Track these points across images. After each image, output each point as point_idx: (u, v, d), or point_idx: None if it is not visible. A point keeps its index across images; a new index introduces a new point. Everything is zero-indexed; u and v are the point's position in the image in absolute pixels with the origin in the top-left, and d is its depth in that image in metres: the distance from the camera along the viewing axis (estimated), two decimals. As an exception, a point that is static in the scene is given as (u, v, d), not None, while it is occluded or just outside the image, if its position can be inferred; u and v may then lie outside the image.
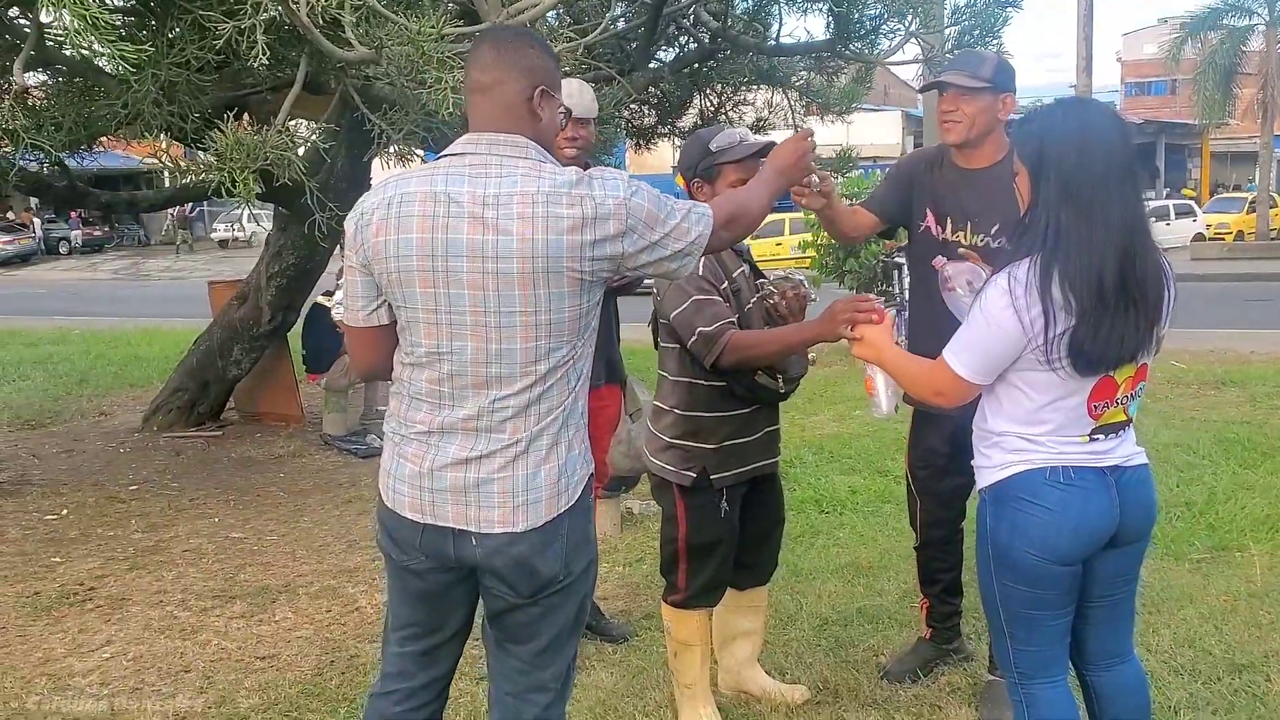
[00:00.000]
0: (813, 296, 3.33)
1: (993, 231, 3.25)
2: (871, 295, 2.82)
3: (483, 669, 3.33)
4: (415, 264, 2.09)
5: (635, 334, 4.69)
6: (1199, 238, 29.46)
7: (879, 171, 21.11)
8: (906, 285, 8.58)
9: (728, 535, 3.28)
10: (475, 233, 2.05)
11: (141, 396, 9.80)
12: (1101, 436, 2.40)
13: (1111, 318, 2.26)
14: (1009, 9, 6.10)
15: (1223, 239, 29.79)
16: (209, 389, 8.55)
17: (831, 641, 4.04)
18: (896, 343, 2.66)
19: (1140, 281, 2.28)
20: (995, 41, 6.15)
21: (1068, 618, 2.49)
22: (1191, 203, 33.33)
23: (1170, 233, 28.60)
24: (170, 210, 41.99)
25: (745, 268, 3.28)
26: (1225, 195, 37.09)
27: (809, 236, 13.39)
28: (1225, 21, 28.30)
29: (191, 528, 5.88)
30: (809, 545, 5.16)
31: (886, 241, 14.58)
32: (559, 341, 2.13)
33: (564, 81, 3.86)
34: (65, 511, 6.26)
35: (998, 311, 2.29)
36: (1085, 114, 2.36)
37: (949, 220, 3.37)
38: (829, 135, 11.25)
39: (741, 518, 3.34)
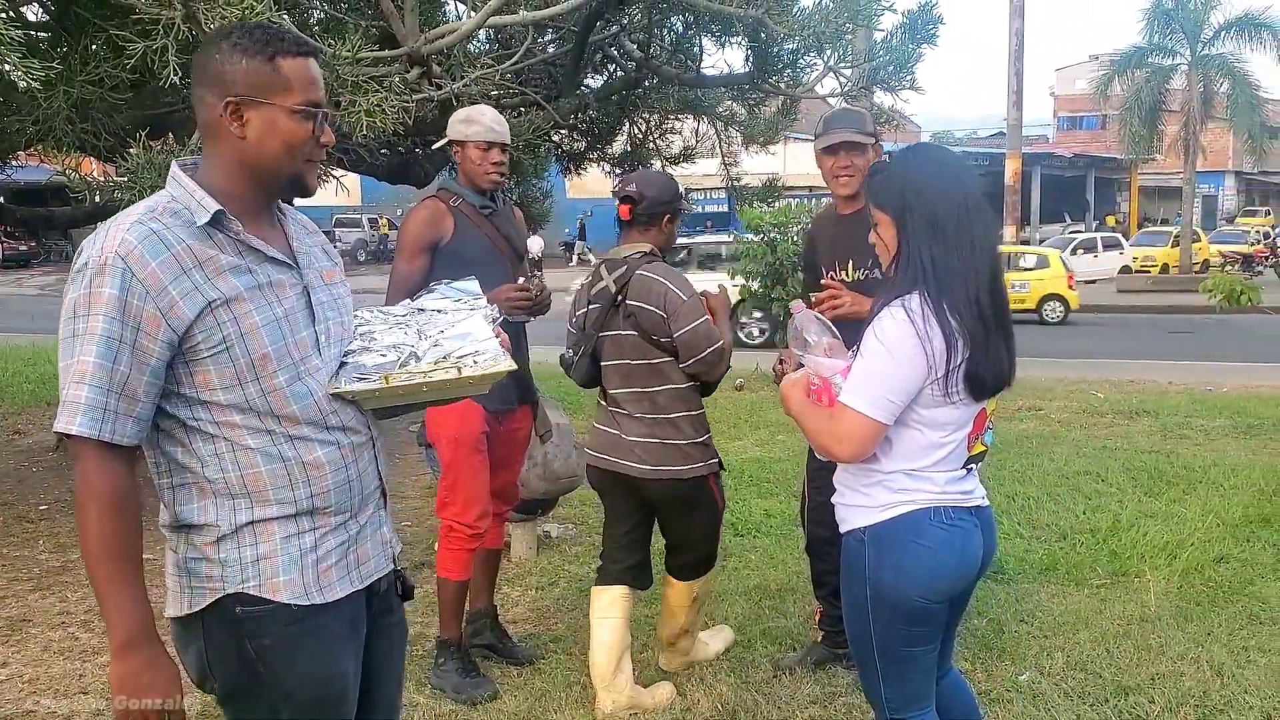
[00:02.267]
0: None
1: (868, 265, 3.71)
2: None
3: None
4: None
5: (547, 355, 4.73)
6: (1125, 270, 30.18)
7: (817, 201, 21.40)
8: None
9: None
10: None
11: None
12: (972, 467, 2.49)
13: (993, 340, 2.35)
14: (924, 45, 6.26)
15: (1148, 272, 30.53)
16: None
17: (734, 662, 4.10)
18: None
19: (1004, 305, 2.39)
20: (909, 77, 6.31)
21: (937, 650, 2.56)
22: (1119, 236, 34.13)
23: (1097, 265, 29.28)
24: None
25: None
26: (1151, 229, 38.05)
27: (741, 267, 13.56)
28: (1150, 60, 29.10)
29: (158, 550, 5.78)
30: (720, 567, 5.18)
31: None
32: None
33: (481, 108, 3.92)
34: (-29, 531, 6.14)
35: (901, 345, 2.30)
36: (932, 156, 2.51)
37: (836, 263, 3.85)
38: (764, 165, 11.45)
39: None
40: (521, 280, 3.83)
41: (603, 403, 3.78)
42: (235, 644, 1.86)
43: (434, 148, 3.87)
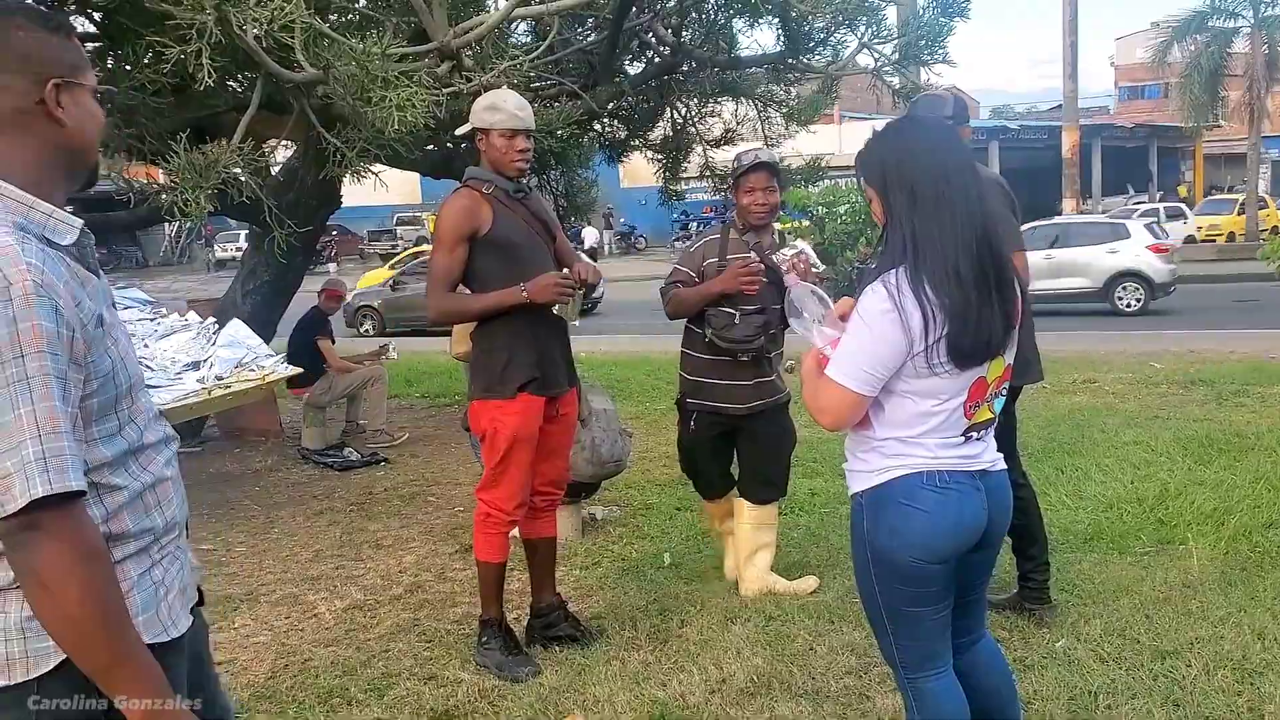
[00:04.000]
0: (816, 265, 4.00)
1: None
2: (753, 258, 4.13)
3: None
4: None
5: (608, 345, 4.80)
6: (1190, 240, 29.55)
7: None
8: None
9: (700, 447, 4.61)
10: None
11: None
12: (974, 435, 2.51)
13: (978, 309, 2.36)
14: (955, 18, 6.22)
15: (1214, 241, 29.87)
16: (189, 406, 8.67)
17: (771, 636, 4.15)
18: None
19: (996, 269, 2.40)
20: (942, 50, 6.27)
21: (947, 610, 2.58)
22: (1182, 205, 33.42)
23: (1161, 235, 28.66)
24: (169, 231, 42.29)
25: (753, 255, 4.30)
26: (1217, 197, 37.18)
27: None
28: (1211, 24, 28.44)
29: (163, 541, 5.99)
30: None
31: (862, 248, 14.79)
32: None
33: (504, 93, 3.98)
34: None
35: (880, 319, 2.35)
36: (911, 129, 2.55)
37: None
38: (817, 144, 11.41)
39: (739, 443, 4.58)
40: (565, 270, 3.90)
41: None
42: (80, 702, 1.60)
43: (459, 133, 3.92)
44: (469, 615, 4.49)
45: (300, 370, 4.45)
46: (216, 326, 4.19)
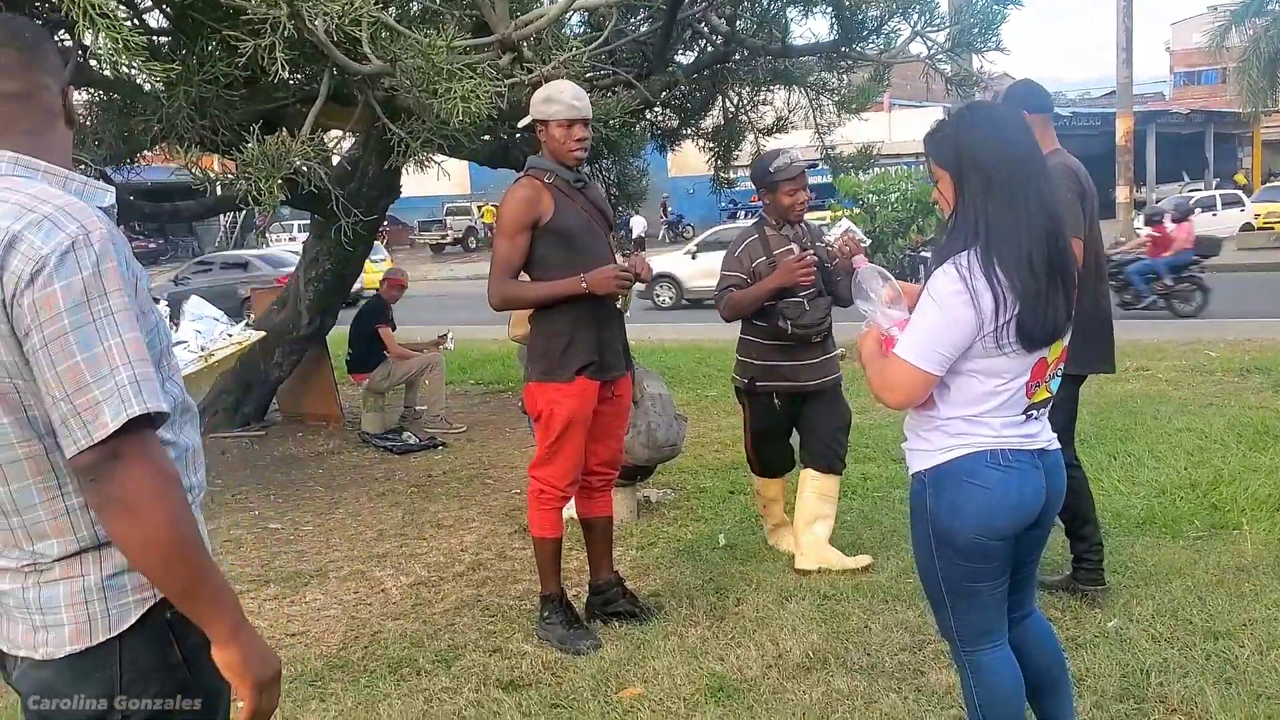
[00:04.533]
0: (863, 240, 4.15)
1: None
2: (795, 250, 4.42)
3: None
4: None
5: (673, 334, 4.91)
6: (1247, 228, 29.06)
7: (921, 168, 21.16)
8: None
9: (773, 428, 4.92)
10: None
11: (190, 400, 10.18)
12: (1034, 414, 2.58)
13: (1047, 296, 2.43)
14: (1009, 5, 6.24)
15: (1271, 228, 29.35)
16: (252, 391, 8.92)
17: (826, 614, 4.24)
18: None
19: (1061, 260, 2.47)
20: (995, 37, 6.30)
21: (1005, 585, 2.66)
22: (1239, 192, 32.85)
23: (1217, 223, 28.25)
24: (224, 222, 42.96)
25: (794, 247, 4.64)
26: (1275, 184, 36.49)
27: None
28: (1271, 7, 27.85)
29: (232, 520, 6.21)
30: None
31: (913, 236, 14.75)
32: None
33: (561, 85, 4.09)
34: (115, 507, 6.59)
35: (952, 300, 2.42)
36: (991, 114, 2.59)
37: None
38: (868, 132, 11.44)
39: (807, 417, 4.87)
40: (621, 259, 4.01)
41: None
42: (161, 655, 1.70)
43: (520, 125, 4.04)
44: (530, 591, 4.62)
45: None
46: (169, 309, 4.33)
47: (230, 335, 4.18)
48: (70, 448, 1.54)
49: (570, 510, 4.37)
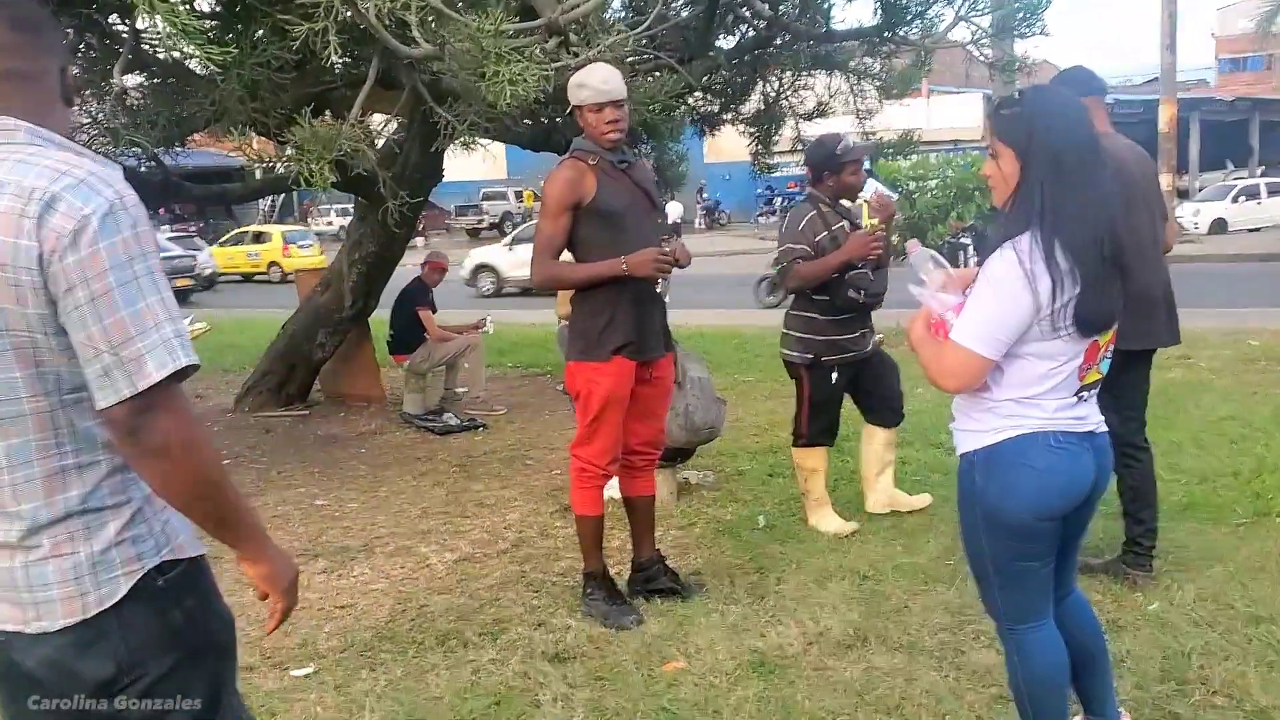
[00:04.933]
0: (892, 196, 4.67)
1: None
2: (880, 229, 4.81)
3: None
4: None
5: (711, 319, 4.95)
6: (1292, 215, 28.66)
7: (960, 154, 21.00)
8: (973, 265, 8.82)
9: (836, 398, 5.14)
10: None
11: (234, 380, 10.36)
12: (1084, 395, 2.61)
13: (1106, 284, 2.45)
14: (1053, -9, 6.22)
15: (1318, 217, 28.92)
16: (296, 371, 9.05)
17: (866, 594, 4.29)
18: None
19: (1123, 249, 2.49)
20: (1039, 23, 6.28)
21: (1051, 565, 2.69)
22: (1284, 180, 32.36)
23: (1262, 212, 27.92)
24: (264, 205, 43.35)
25: (846, 224, 4.90)
26: (1321, 172, 35.92)
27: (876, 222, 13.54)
28: (1319, -8, 27.47)
29: (279, 496, 6.33)
30: (856, 510, 5.39)
31: (953, 222, 14.67)
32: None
33: (591, 69, 4.14)
34: (165, 483, 6.74)
35: (1010, 283, 2.42)
36: (1064, 97, 2.57)
37: None
38: (906, 119, 11.40)
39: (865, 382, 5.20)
40: (663, 243, 4.05)
41: None
42: (161, 620, 1.76)
43: (569, 113, 4.09)
44: (572, 568, 4.70)
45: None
46: None
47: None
48: (110, 398, 1.60)
49: (611, 490, 4.44)
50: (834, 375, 5.01)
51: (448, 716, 3.48)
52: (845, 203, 5.07)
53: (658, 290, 4.12)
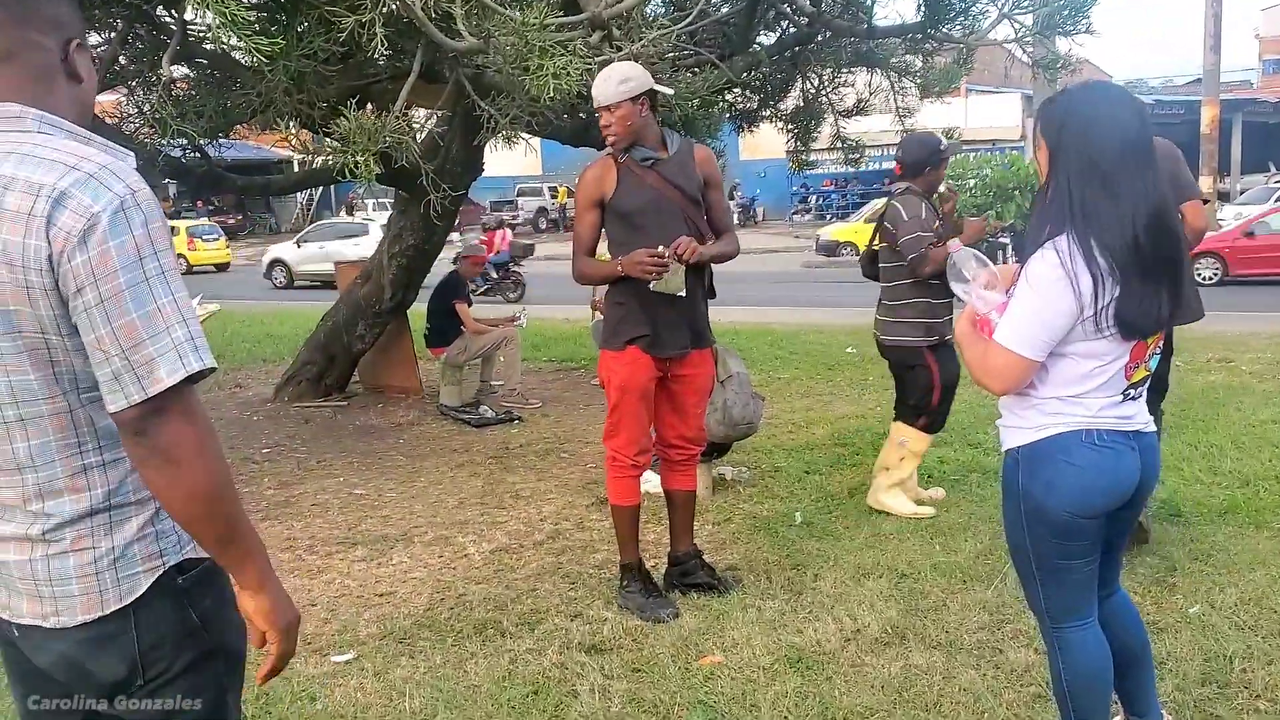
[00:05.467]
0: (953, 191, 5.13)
1: None
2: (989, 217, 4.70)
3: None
4: None
5: (743, 317, 4.96)
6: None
7: (999, 154, 20.85)
8: (1013, 264, 8.78)
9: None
10: None
11: (274, 370, 10.47)
12: (1131, 394, 2.59)
13: (1145, 288, 2.41)
14: (1100, -11, 6.17)
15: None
16: (335, 362, 9.13)
17: (904, 592, 4.28)
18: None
19: (1166, 253, 2.44)
20: (1085, 21, 6.22)
21: (1095, 564, 2.68)
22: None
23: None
24: (301, 199, 43.67)
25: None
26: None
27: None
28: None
29: (318, 485, 6.39)
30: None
31: (992, 221, 14.55)
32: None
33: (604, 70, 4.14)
34: (205, 470, 6.82)
35: (1052, 284, 2.41)
36: (1105, 95, 2.52)
37: None
38: (945, 116, 11.32)
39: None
40: (661, 247, 4.01)
41: None
42: (178, 619, 1.73)
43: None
44: (608, 561, 4.72)
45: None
46: None
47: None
48: (119, 402, 1.55)
49: (648, 485, 4.45)
50: (937, 361, 5.17)
51: (486, 704, 3.50)
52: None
53: (650, 288, 4.07)
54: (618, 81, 4.01)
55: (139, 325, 1.54)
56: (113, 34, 6.13)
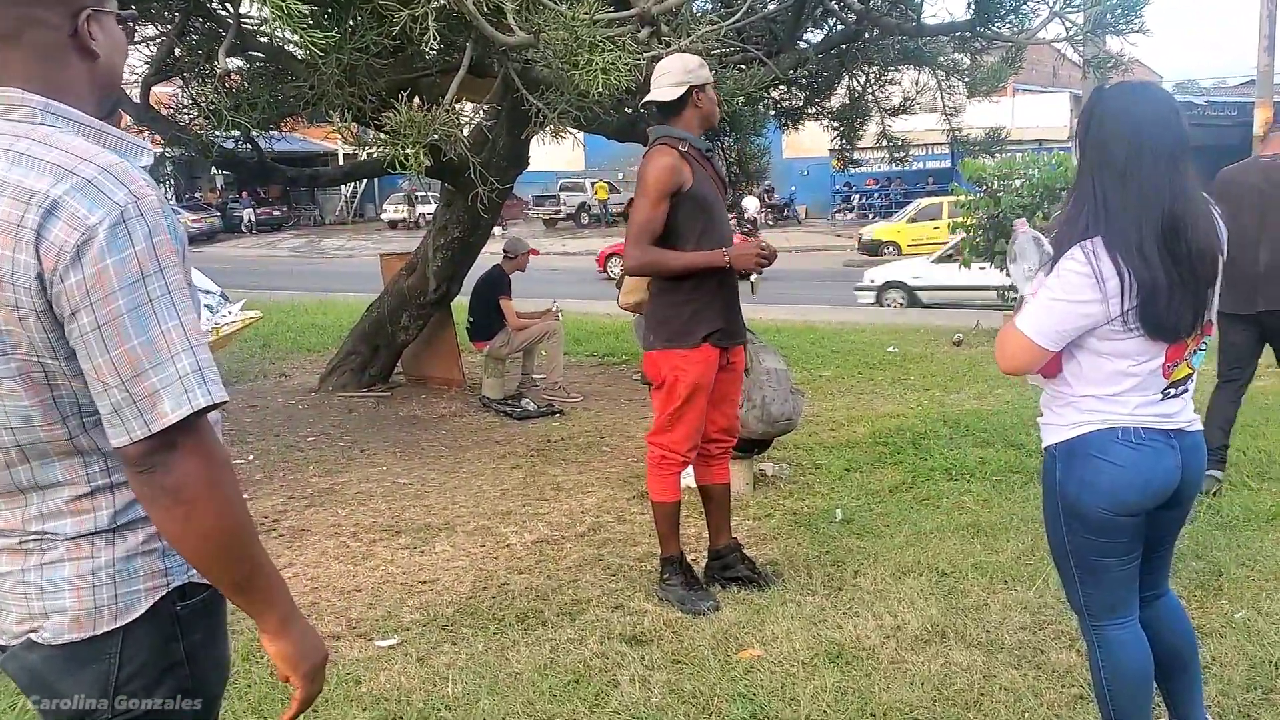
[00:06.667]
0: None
1: None
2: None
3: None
4: None
5: (784, 315, 4.96)
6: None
7: (1047, 154, 20.60)
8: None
9: None
10: None
11: (318, 360, 10.59)
12: (1172, 392, 2.57)
13: (1168, 292, 2.40)
14: (1153, -12, 6.11)
15: None
16: (379, 353, 9.22)
17: (944, 591, 4.27)
18: None
19: (1192, 254, 2.42)
20: (1137, 19, 6.16)
21: (1135, 563, 2.67)
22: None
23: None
24: (345, 191, 44.05)
25: None
26: None
27: (962, 219, 13.37)
28: None
29: (362, 474, 6.47)
30: (934, 508, 5.37)
31: (1039, 221, 14.42)
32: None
33: (687, 55, 4.17)
34: (251, 457, 6.94)
35: (1077, 281, 2.42)
36: (1136, 95, 2.51)
37: None
38: (990, 117, 11.26)
39: None
40: (765, 242, 4.11)
41: None
42: (163, 649, 1.57)
43: (668, 99, 4.11)
44: (649, 554, 4.75)
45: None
46: None
47: (231, 313, 4.36)
48: (121, 438, 1.40)
49: (685, 479, 4.47)
50: None
51: (528, 691, 3.54)
52: None
53: (750, 280, 4.16)
54: (699, 64, 4.08)
55: (140, 354, 1.38)
56: (169, 26, 6.24)
